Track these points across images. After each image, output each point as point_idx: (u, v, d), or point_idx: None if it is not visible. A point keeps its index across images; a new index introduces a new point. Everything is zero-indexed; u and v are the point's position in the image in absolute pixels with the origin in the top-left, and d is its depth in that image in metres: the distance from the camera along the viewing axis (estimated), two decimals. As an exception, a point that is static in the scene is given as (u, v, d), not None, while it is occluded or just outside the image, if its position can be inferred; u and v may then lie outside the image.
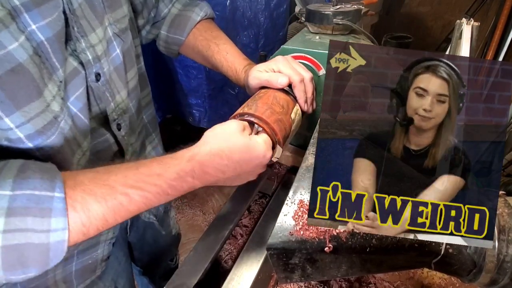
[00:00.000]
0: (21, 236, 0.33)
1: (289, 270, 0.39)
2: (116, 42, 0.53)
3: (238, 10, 1.49)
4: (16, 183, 0.34)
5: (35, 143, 0.40)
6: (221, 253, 0.89)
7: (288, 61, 0.63)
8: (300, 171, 0.44)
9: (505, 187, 1.11)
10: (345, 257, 0.38)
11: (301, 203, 0.39)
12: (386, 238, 0.36)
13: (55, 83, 0.41)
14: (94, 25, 0.47)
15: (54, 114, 0.41)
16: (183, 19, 0.75)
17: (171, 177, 0.42)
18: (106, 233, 0.65)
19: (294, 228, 0.37)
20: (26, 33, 0.36)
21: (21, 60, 0.36)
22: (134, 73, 0.62)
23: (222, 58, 0.73)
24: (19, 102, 0.36)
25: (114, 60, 0.53)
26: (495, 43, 1.97)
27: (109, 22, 0.51)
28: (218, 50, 0.73)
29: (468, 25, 0.64)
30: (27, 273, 0.36)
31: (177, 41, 0.76)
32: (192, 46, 0.76)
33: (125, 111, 0.57)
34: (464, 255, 0.37)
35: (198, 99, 1.91)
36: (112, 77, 0.52)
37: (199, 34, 0.75)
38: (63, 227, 0.35)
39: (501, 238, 0.35)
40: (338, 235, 0.36)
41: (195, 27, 0.75)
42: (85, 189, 0.38)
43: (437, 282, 0.73)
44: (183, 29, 0.74)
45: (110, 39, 0.51)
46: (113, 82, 0.52)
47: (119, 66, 0.54)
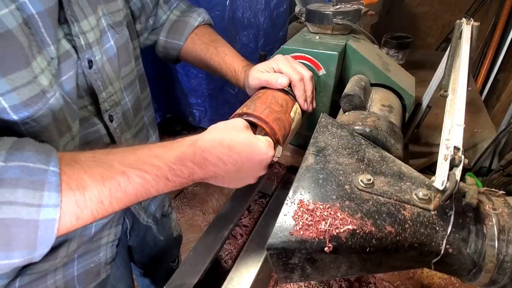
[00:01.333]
0: (9, 210, 0.32)
1: (289, 270, 0.39)
2: (110, 34, 0.54)
3: (238, 10, 1.49)
4: (10, 154, 0.33)
5: (20, 116, 0.39)
6: (221, 253, 0.89)
7: (288, 60, 0.63)
8: (300, 171, 0.44)
9: (505, 187, 1.11)
10: (345, 257, 0.38)
11: (301, 203, 0.39)
12: (386, 238, 0.36)
13: (45, 57, 0.40)
14: (86, 12, 0.47)
15: (42, 88, 0.40)
16: (181, 24, 0.76)
17: (172, 159, 0.41)
18: (107, 236, 0.65)
19: (294, 228, 0.37)
20: (17, 3, 0.36)
21: (10, 26, 0.35)
22: (130, 70, 0.62)
23: (221, 60, 0.73)
24: (5, 69, 0.36)
25: (108, 51, 0.53)
26: (495, 43, 1.97)
27: (103, 13, 0.52)
28: (217, 52, 0.74)
29: (468, 25, 0.64)
30: (11, 258, 0.33)
31: (176, 46, 0.77)
32: (190, 50, 0.76)
33: (117, 103, 0.57)
34: (464, 255, 0.37)
35: (198, 98, 1.91)
36: (105, 68, 0.53)
37: (197, 39, 0.76)
38: (55, 203, 0.34)
39: (501, 238, 0.35)
40: (338, 235, 0.36)
41: (193, 32, 0.76)
42: (82, 167, 0.36)
43: (437, 282, 0.73)
44: (182, 34, 0.75)
45: (104, 30, 0.52)
46: (105, 72, 0.53)
47: (112, 58, 0.54)
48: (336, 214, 0.37)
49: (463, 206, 0.37)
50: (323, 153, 0.46)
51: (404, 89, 0.75)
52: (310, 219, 0.37)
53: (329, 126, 0.51)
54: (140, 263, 0.93)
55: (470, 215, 0.38)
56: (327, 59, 0.71)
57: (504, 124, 1.76)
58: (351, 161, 0.44)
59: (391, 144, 0.54)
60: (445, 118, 0.47)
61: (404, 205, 0.39)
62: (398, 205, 0.39)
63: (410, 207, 0.38)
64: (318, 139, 0.49)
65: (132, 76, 0.63)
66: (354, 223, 0.37)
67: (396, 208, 0.38)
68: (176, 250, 1.08)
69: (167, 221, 0.94)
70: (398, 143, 0.55)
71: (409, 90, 0.75)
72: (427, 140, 1.23)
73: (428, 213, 0.38)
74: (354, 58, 0.76)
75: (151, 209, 0.81)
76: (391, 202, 0.39)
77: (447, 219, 0.37)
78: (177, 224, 1.04)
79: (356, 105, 0.65)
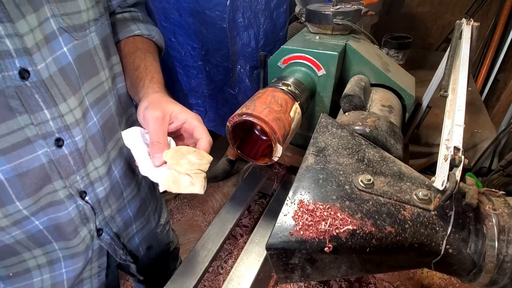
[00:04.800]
0: None
1: (289, 270, 0.39)
2: (62, 39, 0.45)
3: (238, 10, 1.49)
4: None
5: None
6: (221, 253, 0.89)
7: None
8: (300, 171, 0.44)
9: (505, 187, 1.11)
10: (345, 257, 0.38)
11: (301, 203, 0.39)
12: (386, 238, 0.36)
13: None
14: (24, 10, 0.39)
15: None
16: (124, 26, 0.64)
17: None
18: (89, 270, 0.61)
19: (294, 228, 0.37)
20: None
21: None
22: (97, 83, 0.53)
23: (142, 66, 0.62)
24: None
25: (59, 59, 0.45)
26: (495, 43, 1.97)
27: (53, 14, 0.43)
28: (144, 58, 0.63)
29: (468, 25, 0.64)
30: None
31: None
32: (120, 50, 0.64)
33: (73, 125, 0.48)
34: (464, 255, 0.37)
35: (198, 99, 1.90)
36: (55, 79, 0.44)
37: (132, 43, 0.64)
38: None
39: (501, 238, 0.35)
40: (338, 235, 0.36)
41: (132, 37, 0.65)
42: None
43: (437, 282, 0.73)
44: (118, 33, 0.64)
45: (53, 33, 0.44)
46: (54, 85, 0.44)
47: (66, 68, 0.46)
48: (336, 214, 0.37)
49: (463, 206, 0.37)
50: (323, 153, 0.46)
51: (404, 89, 0.75)
52: (310, 219, 0.37)
53: (329, 126, 0.51)
54: (132, 275, 0.87)
55: (470, 215, 0.38)
56: (327, 59, 0.71)
57: (504, 124, 1.76)
58: (351, 161, 0.44)
59: (391, 144, 0.54)
60: (445, 118, 0.47)
61: (404, 205, 0.39)
62: (398, 206, 0.39)
63: (410, 207, 0.38)
64: (318, 139, 0.49)
65: (101, 91, 0.54)
66: (354, 223, 0.37)
67: (396, 209, 0.38)
68: (173, 263, 1.01)
69: (162, 238, 0.88)
70: (398, 143, 0.55)
71: (409, 90, 0.75)
72: (427, 140, 1.24)
73: (428, 213, 0.38)
74: (354, 58, 0.76)
75: (133, 242, 0.73)
76: (391, 202, 0.39)
77: (447, 219, 0.37)
78: (174, 236, 0.98)
79: (356, 105, 0.65)
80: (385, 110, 0.67)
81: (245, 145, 0.67)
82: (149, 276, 0.87)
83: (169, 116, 0.51)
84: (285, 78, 0.71)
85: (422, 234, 0.37)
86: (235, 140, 0.65)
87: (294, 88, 0.68)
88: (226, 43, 1.47)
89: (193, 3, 1.39)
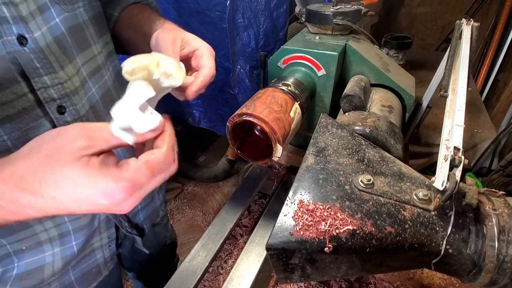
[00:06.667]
0: None
1: (289, 270, 0.39)
2: (54, 10, 0.47)
3: (238, 10, 1.49)
4: None
5: None
6: (221, 253, 0.89)
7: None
8: (300, 171, 0.44)
9: (505, 187, 1.11)
10: (345, 257, 0.38)
11: (301, 203, 0.39)
12: (386, 238, 0.36)
13: None
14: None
15: None
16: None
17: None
18: (99, 240, 0.63)
19: (294, 228, 0.37)
20: None
21: None
22: (90, 56, 0.55)
23: (152, 15, 0.62)
24: None
25: (53, 29, 0.47)
26: (495, 43, 1.97)
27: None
28: (152, 12, 0.64)
29: (468, 25, 0.64)
30: None
31: (109, 16, 0.65)
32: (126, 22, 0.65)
33: (74, 92, 0.50)
34: (464, 256, 0.37)
35: (198, 99, 1.90)
36: (51, 48, 0.46)
37: (136, 10, 0.66)
38: None
39: (501, 239, 0.35)
40: (338, 235, 0.36)
41: (132, 6, 0.66)
42: None
43: (437, 282, 0.73)
44: (117, 4, 0.65)
45: (45, 4, 0.46)
46: (52, 54, 0.46)
47: (60, 37, 0.48)
48: (336, 215, 0.37)
49: (463, 206, 0.37)
50: (323, 153, 0.46)
51: (404, 89, 0.75)
52: (310, 220, 0.37)
53: (329, 126, 0.51)
54: (131, 270, 0.90)
55: (470, 215, 0.38)
56: (327, 59, 0.71)
57: (504, 124, 1.76)
58: (351, 162, 0.44)
59: (391, 144, 0.54)
60: (445, 118, 0.47)
61: (404, 205, 0.39)
62: (398, 206, 0.39)
63: (410, 207, 0.38)
64: (318, 139, 0.49)
65: (94, 64, 0.56)
66: (354, 223, 0.37)
67: (396, 209, 0.38)
68: (171, 257, 1.02)
69: (160, 230, 0.90)
70: (398, 143, 0.55)
71: (409, 90, 0.75)
72: (427, 140, 1.23)
73: (428, 213, 0.38)
74: (354, 58, 0.76)
75: (138, 219, 0.75)
76: (391, 202, 0.39)
77: (447, 219, 0.37)
78: (172, 230, 1.00)
79: (356, 105, 0.65)
80: (385, 110, 0.67)
81: (245, 145, 0.67)
82: (144, 271, 0.88)
83: (181, 40, 0.51)
84: (285, 78, 0.71)
85: (422, 234, 0.37)
86: (235, 140, 0.65)
87: (294, 88, 0.68)
88: (226, 43, 1.47)
89: (193, 3, 1.39)
